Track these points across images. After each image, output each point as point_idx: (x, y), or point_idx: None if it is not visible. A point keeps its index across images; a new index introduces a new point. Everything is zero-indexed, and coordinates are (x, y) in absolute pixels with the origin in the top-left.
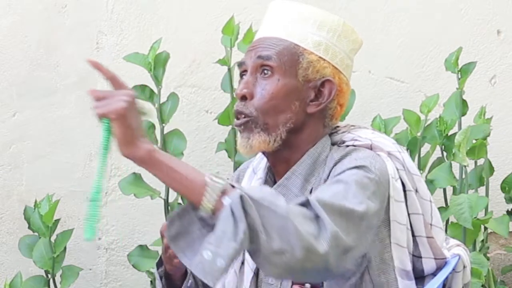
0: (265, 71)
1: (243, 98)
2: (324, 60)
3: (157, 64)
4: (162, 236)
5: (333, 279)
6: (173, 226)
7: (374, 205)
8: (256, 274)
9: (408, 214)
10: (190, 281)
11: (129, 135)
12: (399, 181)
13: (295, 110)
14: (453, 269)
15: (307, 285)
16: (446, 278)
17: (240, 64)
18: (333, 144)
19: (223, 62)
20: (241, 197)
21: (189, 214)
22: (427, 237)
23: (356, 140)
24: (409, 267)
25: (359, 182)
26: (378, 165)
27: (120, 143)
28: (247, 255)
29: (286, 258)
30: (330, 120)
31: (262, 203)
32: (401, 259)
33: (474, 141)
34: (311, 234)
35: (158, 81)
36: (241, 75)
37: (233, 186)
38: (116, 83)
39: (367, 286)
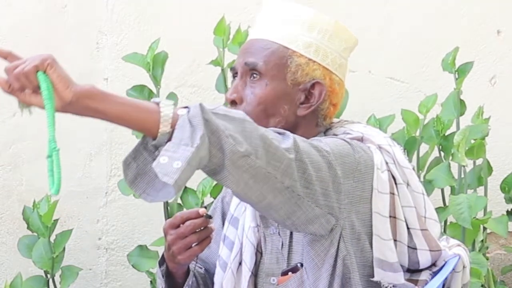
0: (254, 75)
1: (233, 103)
2: (314, 62)
3: (156, 64)
4: (165, 234)
5: (302, 228)
6: (130, 170)
7: (339, 170)
8: (255, 274)
9: (402, 207)
10: (192, 279)
11: (68, 76)
12: (386, 173)
13: (285, 114)
14: (453, 269)
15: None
16: (446, 278)
17: (231, 68)
18: None
19: (216, 63)
20: (200, 106)
21: (142, 154)
22: (421, 230)
23: (347, 133)
24: (393, 259)
25: (336, 144)
26: (363, 149)
27: (63, 86)
28: (244, 256)
29: (251, 160)
30: (323, 120)
31: (217, 112)
32: (382, 250)
33: (472, 141)
34: (274, 138)
35: (156, 81)
36: (234, 77)
37: (185, 107)
38: (14, 57)
39: (343, 254)
